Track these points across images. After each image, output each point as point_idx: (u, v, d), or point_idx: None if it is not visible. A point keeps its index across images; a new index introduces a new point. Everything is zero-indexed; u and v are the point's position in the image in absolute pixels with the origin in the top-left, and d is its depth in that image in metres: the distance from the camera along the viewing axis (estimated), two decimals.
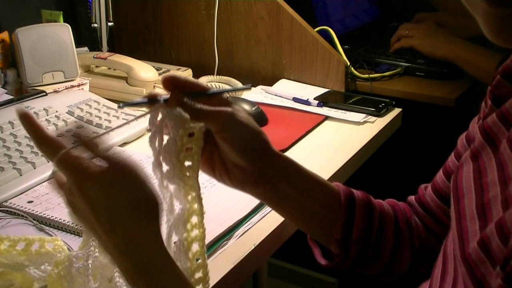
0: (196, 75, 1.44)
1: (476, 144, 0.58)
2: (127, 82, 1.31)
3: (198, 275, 0.60)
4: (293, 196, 0.69)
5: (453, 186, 0.59)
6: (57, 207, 0.84)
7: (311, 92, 1.34)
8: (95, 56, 1.36)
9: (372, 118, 1.22)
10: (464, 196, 0.55)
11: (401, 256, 0.73)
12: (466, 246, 0.50)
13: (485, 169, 0.54)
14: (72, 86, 1.25)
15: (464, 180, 0.57)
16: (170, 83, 0.62)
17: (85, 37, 1.53)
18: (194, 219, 0.60)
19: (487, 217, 0.49)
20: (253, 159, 0.65)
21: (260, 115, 1.18)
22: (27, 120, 0.58)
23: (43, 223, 0.81)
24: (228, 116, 0.63)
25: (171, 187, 0.61)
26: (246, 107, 1.17)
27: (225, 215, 0.82)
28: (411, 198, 0.78)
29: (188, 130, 0.59)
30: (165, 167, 0.60)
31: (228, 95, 0.66)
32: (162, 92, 0.64)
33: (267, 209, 0.85)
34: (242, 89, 0.73)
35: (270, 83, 1.42)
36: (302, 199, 0.69)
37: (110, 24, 1.51)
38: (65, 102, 1.15)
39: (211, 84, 1.33)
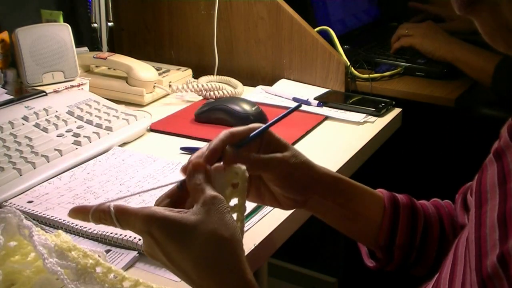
0: (196, 75, 1.44)
1: (502, 142, 0.56)
2: (127, 82, 1.31)
3: None
4: (338, 209, 0.71)
5: (476, 189, 0.57)
6: (57, 207, 0.84)
7: (311, 92, 1.34)
8: (95, 56, 1.36)
9: (372, 118, 1.22)
10: (488, 202, 0.53)
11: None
12: (483, 256, 0.48)
13: (509, 171, 0.53)
14: (72, 86, 1.25)
15: (488, 183, 0.55)
16: (218, 151, 0.63)
17: (85, 37, 1.53)
18: None
19: (508, 227, 0.47)
20: (301, 192, 0.68)
21: (260, 115, 1.18)
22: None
23: (43, 223, 0.81)
24: (280, 165, 0.66)
25: None
26: (246, 107, 1.17)
27: None
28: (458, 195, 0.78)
29: (232, 180, 0.62)
30: None
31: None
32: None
33: (267, 209, 0.85)
34: (288, 114, 0.70)
35: (270, 83, 1.42)
36: (347, 210, 0.72)
37: (110, 24, 1.51)
38: (65, 102, 1.15)
39: (211, 85, 1.33)
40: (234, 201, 0.62)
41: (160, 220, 0.55)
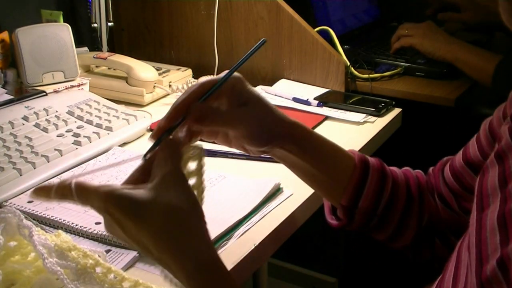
0: (196, 75, 1.44)
1: (503, 144, 0.56)
2: (127, 82, 1.31)
3: None
4: (304, 164, 0.71)
5: (478, 191, 0.56)
6: (57, 207, 0.84)
7: (311, 92, 1.34)
8: (95, 56, 1.36)
9: (372, 118, 1.22)
10: (489, 205, 0.52)
11: (406, 226, 0.74)
12: (484, 260, 0.48)
13: (510, 173, 0.52)
14: (72, 86, 1.25)
15: (489, 186, 0.54)
16: (183, 107, 0.65)
17: (85, 37, 1.53)
18: None
19: (508, 230, 0.47)
20: (268, 142, 0.68)
21: None
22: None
23: (43, 223, 0.81)
24: (243, 121, 0.65)
25: None
26: None
27: (225, 215, 0.82)
28: (432, 169, 0.79)
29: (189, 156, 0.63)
30: None
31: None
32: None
33: (267, 209, 0.85)
34: (255, 50, 0.74)
35: (270, 83, 1.42)
36: (315, 164, 0.71)
37: (110, 24, 1.51)
38: (65, 102, 1.15)
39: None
40: (192, 181, 0.62)
41: (116, 198, 0.56)
